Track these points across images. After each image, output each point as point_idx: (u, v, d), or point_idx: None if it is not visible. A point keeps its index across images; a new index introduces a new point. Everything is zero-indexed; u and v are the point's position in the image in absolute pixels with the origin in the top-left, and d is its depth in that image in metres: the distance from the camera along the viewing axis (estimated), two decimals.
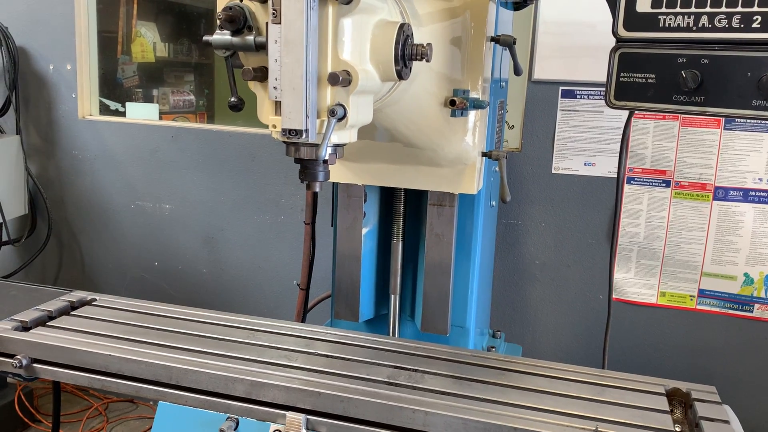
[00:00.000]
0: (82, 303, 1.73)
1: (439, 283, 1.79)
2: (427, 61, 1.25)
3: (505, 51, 1.81)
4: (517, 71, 1.80)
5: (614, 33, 1.32)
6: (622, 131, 1.73)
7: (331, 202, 1.89)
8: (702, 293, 2.74)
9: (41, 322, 1.59)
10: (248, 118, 3.25)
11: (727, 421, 1.26)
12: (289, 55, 1.07)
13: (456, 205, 1.74)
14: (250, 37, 1.11)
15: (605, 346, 1.96)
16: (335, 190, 1.85)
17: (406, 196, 1.84)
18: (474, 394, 1.31)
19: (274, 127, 1.13)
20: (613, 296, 2.00)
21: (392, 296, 1.89)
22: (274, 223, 3.28)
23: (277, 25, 1.06)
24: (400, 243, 1.86)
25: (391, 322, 1.90)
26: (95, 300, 1.76)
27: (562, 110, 2.77)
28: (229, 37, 1.13)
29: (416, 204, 1.85)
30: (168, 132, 3.40)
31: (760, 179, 2.60)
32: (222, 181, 3.33)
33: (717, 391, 1.38)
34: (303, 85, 1.07)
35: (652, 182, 2.72)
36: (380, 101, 1.31)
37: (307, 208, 2.14)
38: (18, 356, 1.45)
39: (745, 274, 2.68)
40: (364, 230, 1.85)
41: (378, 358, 1.46)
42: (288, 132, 1.10)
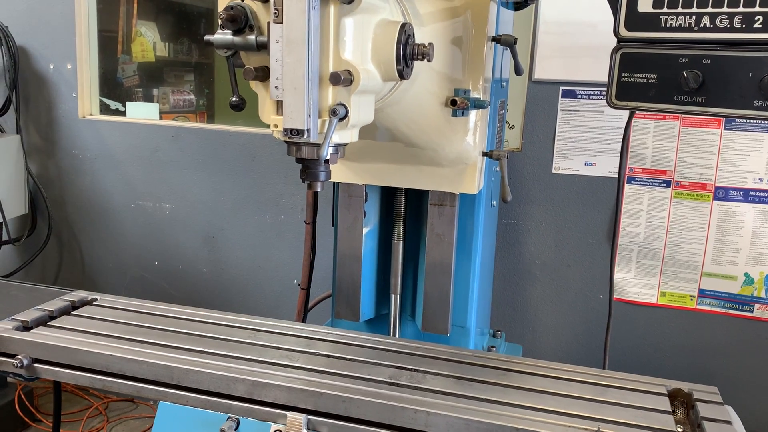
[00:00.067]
0: (83, 303, 1.73)
1: (440, 283, 1.79)
2: (429, 61, 1.25)
3: (506, 51, 1.81)
4: (518, 71, 1.80)
5: (615, 33, 1.32)
6: (622, 131, 1.73)
7: (331, 202, 1.89)
8: (702, 293, 2.74)
9: (42, 321, 1.59)
10: (248, 118, 3.25)
11: (729, 422, 1.26)
12: (290, 54, 1.07)
13: (457, 204, 1.74)
14: (252, 37, 1.11)
15: (606, 346, 1.95)
16: (336, 189, 1.85)
17: (406, 196, 1.84)
18: (475, 394, 1.31)
19: (276, 126, 1.13)
20: (614, 296, 1.99)
21: (393, 296, 1.89)
22: (274, 222, 3.28)
23: (278, 25, 1.06)
24: (401, 243, 1.86)
25: (392, 321, 1.90)
26: (96, 300, 1.75)
27: (563, 110, 2.77)
28: (230, 37, 1.13)
29: (417, 204, 1.85)
30: (168, 131, 3.40)
31: (761, 179, 2.60)
32: (222, 181, 3.33)
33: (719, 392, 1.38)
34: (305, 85, 1.07)
35: (652, 182, 2.72)
36: (381, 101, 1.31)
37: (307, 208, 2.14)
38: (19, 356, 1.44)
39: (746, 274, 2.68)
40: (365, 230, 1.84)
41: (379, 358, 1.46)
42: (289, 132, 1.10)
